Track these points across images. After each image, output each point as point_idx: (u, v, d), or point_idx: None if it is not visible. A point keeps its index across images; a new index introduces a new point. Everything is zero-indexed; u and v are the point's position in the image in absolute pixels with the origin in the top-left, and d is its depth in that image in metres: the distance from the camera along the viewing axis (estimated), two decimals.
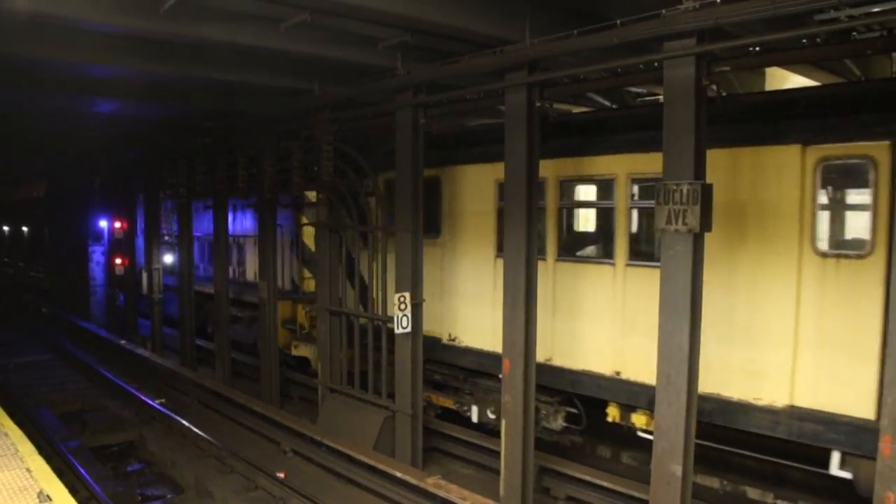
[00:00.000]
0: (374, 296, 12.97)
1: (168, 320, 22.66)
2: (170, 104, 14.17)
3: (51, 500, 6.55)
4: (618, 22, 8.07)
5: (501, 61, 9.70)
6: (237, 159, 15.63)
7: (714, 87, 7.97)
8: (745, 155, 9.08)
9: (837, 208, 9.10)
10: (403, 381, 11.96)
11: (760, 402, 9.01)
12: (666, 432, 8.03)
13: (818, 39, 7.20)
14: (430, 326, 12.56)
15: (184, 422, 14.36)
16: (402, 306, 11.59)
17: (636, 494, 9.85)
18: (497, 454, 10.76)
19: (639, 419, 10.35)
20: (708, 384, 8.91)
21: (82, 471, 11.68)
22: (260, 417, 14.30)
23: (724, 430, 9.67)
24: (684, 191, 7.56)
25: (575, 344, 11.06)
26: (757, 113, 9.33)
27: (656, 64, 8.27)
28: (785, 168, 8.71)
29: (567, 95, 10.83)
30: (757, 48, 7.68)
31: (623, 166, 10.36)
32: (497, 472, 10.70)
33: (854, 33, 6.94)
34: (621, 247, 10.49)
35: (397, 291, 11.71)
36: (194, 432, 13.80)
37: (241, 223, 20.54)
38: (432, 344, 12.91)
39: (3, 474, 7.01)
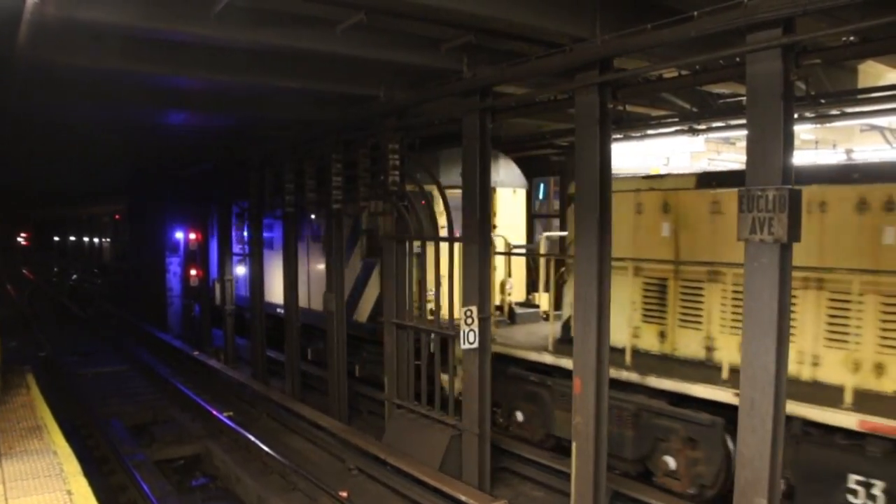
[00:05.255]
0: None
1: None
2: (236, 114, 14.04)
3: None
4: (695, 14, 7.43)
5: (571, 61, 9.10)
6: (304, 169, 15.39)
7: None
8: None
9: None
10: (470, 398, 11.40)
11: None
12: (750, 462, 7.30)
13: None
14: None
15: (250, 436, 14.14)
16: (469, 321, 11.07)
17: None
18: (569, 476, 10.13)
19: None
20: None
21: (144, 487, 11.54)
22: (325, 432, 14.00)
23: None
24: (770, 197, 6.84)
25: None
26: None
27: (738, 59, 7.60)
28: None
29: (641, 96, 10.14)
30: (851, 38, 6.93)
31: None
32: (569, 496, 10.07)
33: None
34: None
35: (464, 305, 11.21)
36: (259, 447, 13.55)
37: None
38: None
39: (41, 497, 6.78)
